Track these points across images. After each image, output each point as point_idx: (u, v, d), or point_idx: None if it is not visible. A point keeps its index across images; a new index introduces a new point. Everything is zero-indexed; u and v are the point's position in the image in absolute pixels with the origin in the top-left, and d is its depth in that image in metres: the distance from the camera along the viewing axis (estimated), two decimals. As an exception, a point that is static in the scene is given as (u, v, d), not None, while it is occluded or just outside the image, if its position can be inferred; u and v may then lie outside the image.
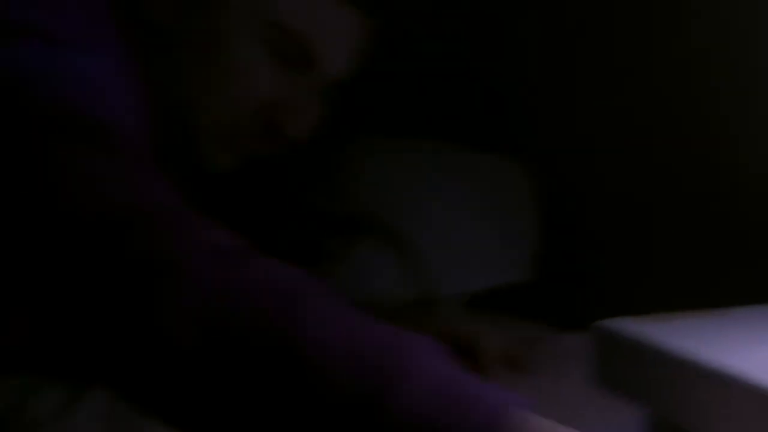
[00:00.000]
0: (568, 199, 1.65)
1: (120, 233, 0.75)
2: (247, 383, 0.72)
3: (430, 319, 1.19)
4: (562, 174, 1.66)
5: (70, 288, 0.75)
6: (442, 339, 1.15)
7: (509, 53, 1.72)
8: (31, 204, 0.78)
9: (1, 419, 0.97)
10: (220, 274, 0.75)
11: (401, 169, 1.52)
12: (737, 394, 0.76)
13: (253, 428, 0.73)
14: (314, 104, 1.13)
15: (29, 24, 0.90)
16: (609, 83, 1.59)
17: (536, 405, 1.12)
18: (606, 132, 1.60)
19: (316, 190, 1.22)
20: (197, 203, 1.13)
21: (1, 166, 0.80)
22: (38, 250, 0.77)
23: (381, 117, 1.79)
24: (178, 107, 1.08)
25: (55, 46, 0.89)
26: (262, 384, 0.72)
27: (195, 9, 1.07)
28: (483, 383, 0.74)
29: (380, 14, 1.14)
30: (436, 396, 0.72)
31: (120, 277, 0.74)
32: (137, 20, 1.05)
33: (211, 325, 0.72)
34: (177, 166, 1.12)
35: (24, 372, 1.02)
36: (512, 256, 1.54)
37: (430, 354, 0.74)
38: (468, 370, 1.13)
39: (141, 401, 0.77)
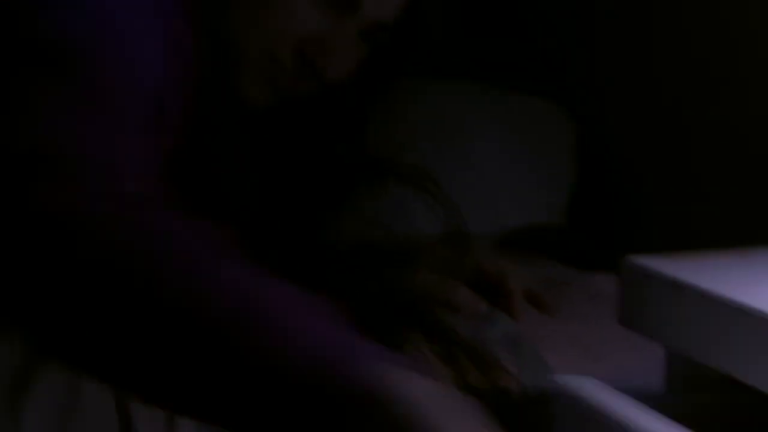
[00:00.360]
0: (603, 144, 1.65)
1: (24, 178, 0.77)
2: (136, 332, 0.73)
3: (462, 257, 1.20)
4: (598, 118, 1.66)
5: None
6: (470, 275, 1.17)
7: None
8: None
9: None
10: (118, 223, 0.75)
11: (436, 109, 1.53)
12: (763, 332, 0.77)
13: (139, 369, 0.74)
14: (355, 46, 1.13)
15: None
16: (649, 25, 1.58)
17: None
18: (644, 78, 1.60)
19: (350, 131, 1.23)
20: (233, 140, 1.15)
21: None
22: None
23: (419, 59, 1.79)
24: (221, 38, 1.09)
25: None
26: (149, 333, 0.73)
27: None
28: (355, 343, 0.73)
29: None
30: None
31: (19, 228, 0.75)
32: None
33: (102, 276, 0.74)
34: (215, 100, 1.13)
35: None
36: (546, 197, 1.55)
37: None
38: (497, 307, 1.14)
39: (53, 351, 0.78)
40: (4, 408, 0.94)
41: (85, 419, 0.96)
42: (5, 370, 0.94)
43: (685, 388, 0.94)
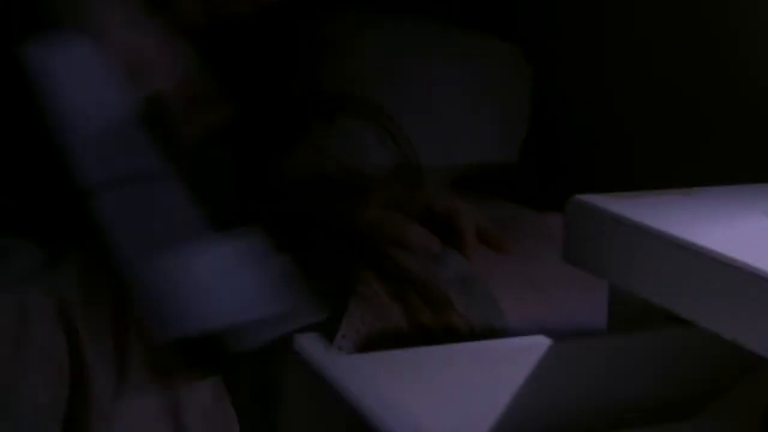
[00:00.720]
0: (558, 87, 1.65)
1: None
2: None
3: (413, 192, 1.20)
4: (554, 61, 1.66)
5: None
6: (422, 212, 1.16)
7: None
8: None
9: None
10: None
11: (388, 45, 1.52)
12: (699, 267, 0.78)
13: None
14: None
15: None
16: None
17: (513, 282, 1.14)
18: (599, 21, 1.60)
19: (299, 66, 1.22)
20: (188, 61, 1.14)
21: None
22: None
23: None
24: None
25: None
26: None
27: None
28: None
29: None
30: None
31: None
32: None
33: None
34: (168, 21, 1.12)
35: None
36: (500, 136, 1.55)
37: None
38: (449, 245, 1.14)
39: None
40: None
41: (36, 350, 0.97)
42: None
43: (627, 326, 0.95)
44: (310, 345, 0.83)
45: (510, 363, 0.88)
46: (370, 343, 1.03)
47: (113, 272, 0.93)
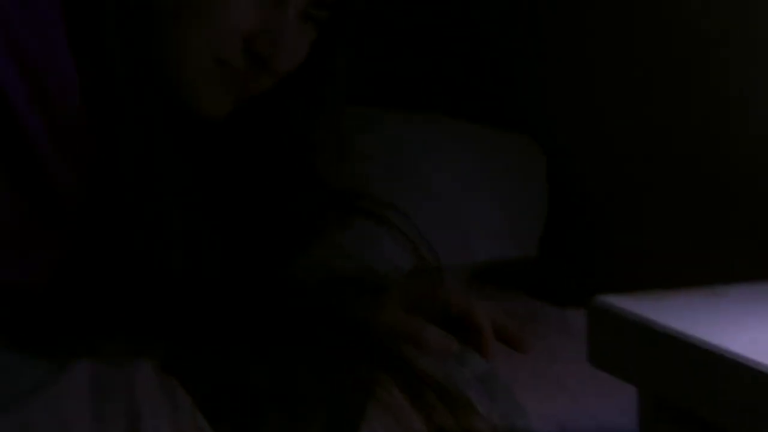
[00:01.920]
0: (576, 178, 1.65)
1: None
2: None
3: (432, 291, 1.18)
4: (572, 153, 1.65)
5: None
6: (439, 310, 1.14)
7: (523, 26, 1.72)
8: None
9: None
10: None
11: (400, 140, 1.52)
12: (728, 372, 0.76)
13: None
14: (300, 31, 1.11)
15: None
16: (624, 67, 1.58)
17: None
18: (617, 115, 1.59)
19: (315, 157, 1.21)
20: (196, 156, 1.13)
21: None
22: None
23: (383, 87, 1.78)
24: (160, 52, 1.08)
25: None
26: None
27: None
28: None
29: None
30: None
31: None
32: None
33: None
34: (171, 117, 1.11)
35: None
36: (517, 230, 1.54)
37: None
38: (468, 344, 1.12)
39: None
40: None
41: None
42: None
43: (657, 428, 0.92)
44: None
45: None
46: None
47: None
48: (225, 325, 1.06)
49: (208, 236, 1.13)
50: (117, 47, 1.06)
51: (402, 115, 1.63)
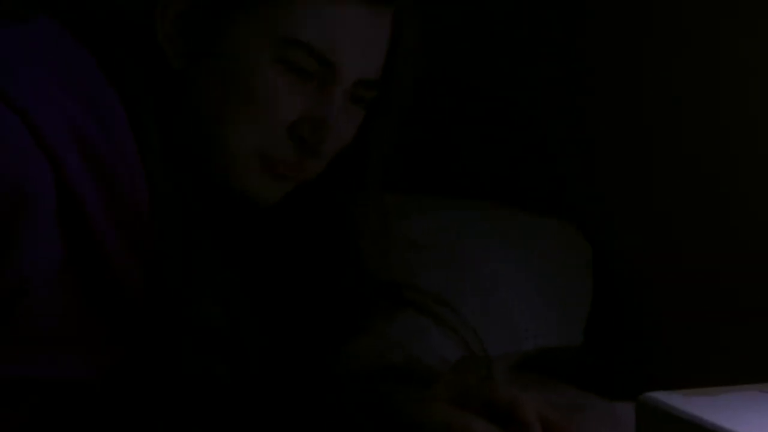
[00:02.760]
0: (622, 266, 1.64)
1: None
2: None
3: (480, 383, 1.18)
4: (618, 242, 1.65)
5: None
6: (483, 400, 1.14)
7: (572, 116, 1.72)
8: None
9: None
10: None
11: (453, 227, 1.52)
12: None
13: None
14: (346, 111, 1.12)
15: None
16: (672, 158, 1.58)
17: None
18: (664, 200, 1.59)
19: (360, 244, 1.22)
20: (240, 250, 1.14)
21: None
22: None
23: (429, 173, 1.79)
24: (206, 152, 1.09)
25: None
26: None
27: (206, 44, 1.08)
28: None
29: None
30: None
31: None
32: (150, 71, 1.07)
33: None
34: (223, 208, 1.12)
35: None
36: (562, 317, 1.53)
37: None
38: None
39: None
40: None
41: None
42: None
43: None
44: None
45: None
46: None
47: None
48: (269, 423, 1.06)
49: (254, 338, 1.13)
50: (156, 149, 1.07)
51: (449, 202, 1.63)
